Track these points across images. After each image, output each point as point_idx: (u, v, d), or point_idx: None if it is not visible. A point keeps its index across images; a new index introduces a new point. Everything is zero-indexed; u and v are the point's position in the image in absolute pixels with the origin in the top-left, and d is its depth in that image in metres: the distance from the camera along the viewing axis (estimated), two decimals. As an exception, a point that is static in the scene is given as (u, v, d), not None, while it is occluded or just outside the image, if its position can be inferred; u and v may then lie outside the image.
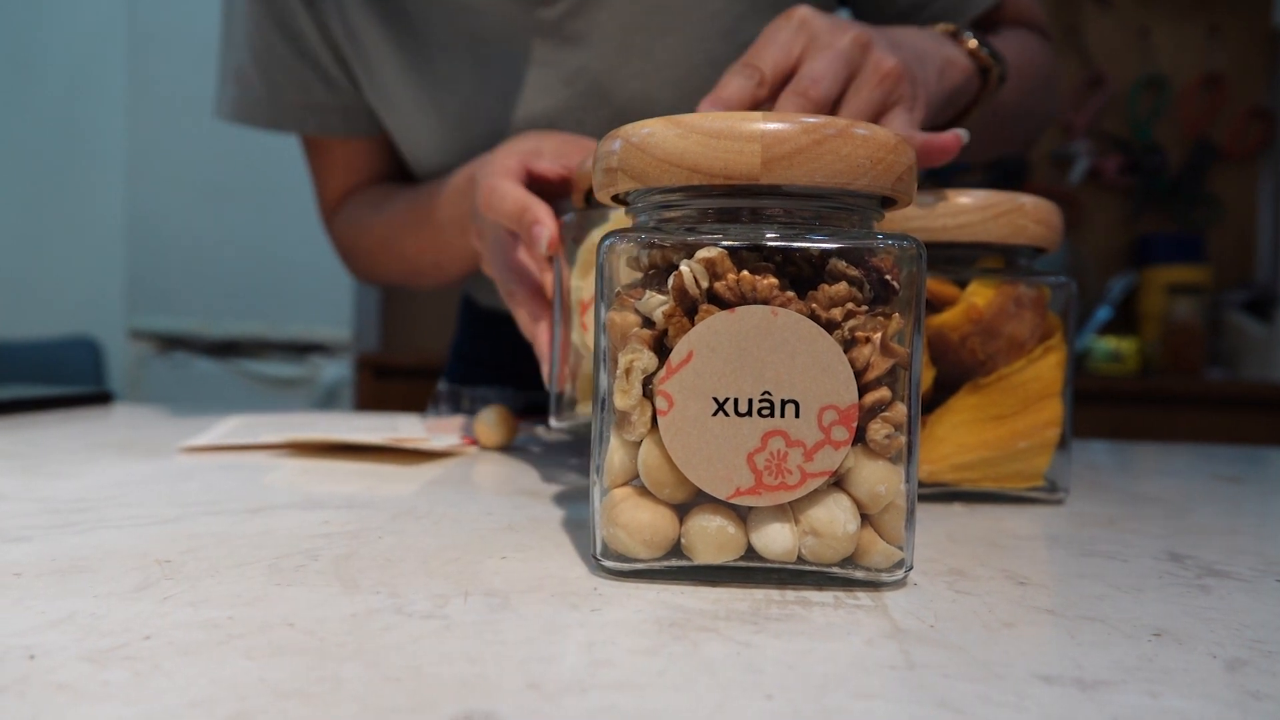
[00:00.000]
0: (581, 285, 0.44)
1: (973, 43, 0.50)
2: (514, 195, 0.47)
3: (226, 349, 1.70)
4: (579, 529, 0.35)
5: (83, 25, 1.82)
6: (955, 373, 0.43)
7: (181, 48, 1.70)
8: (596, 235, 0.44)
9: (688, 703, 0.19)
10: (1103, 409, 1.64)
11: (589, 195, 0.47)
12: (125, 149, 1.74)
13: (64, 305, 1.81)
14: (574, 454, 0.55)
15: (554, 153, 0.52)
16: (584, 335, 0.44)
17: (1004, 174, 1.92)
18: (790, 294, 0.28)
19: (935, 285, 0.43)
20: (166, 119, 1.71)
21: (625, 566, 0.28)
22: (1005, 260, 0.44)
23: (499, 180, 0.49)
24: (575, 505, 0.39)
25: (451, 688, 0.20)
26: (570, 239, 0.46)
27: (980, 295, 0.42)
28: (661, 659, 0.22)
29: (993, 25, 0.67)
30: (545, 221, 0.45)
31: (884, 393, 0.28)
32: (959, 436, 0.43)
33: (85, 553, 0.29)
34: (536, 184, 0.51)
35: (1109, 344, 1.80)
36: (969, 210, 0.42)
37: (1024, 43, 0.65)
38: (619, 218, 0.44)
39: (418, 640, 0.22)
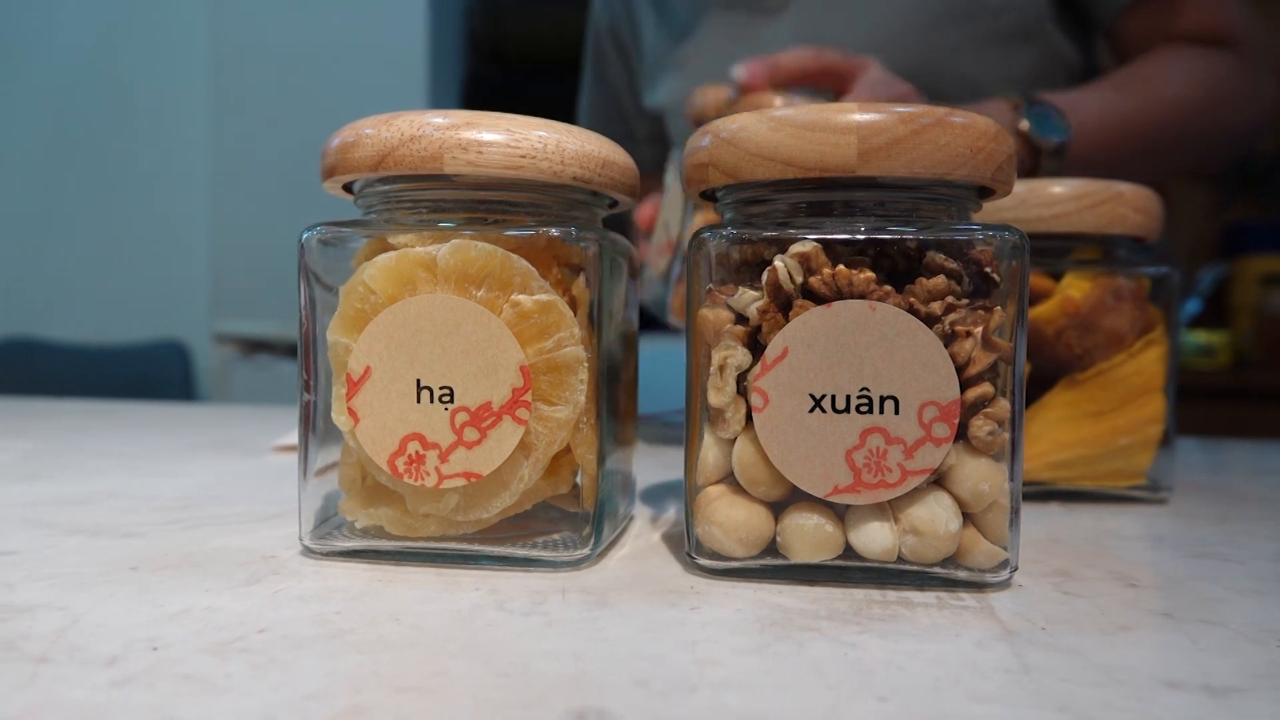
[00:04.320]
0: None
1: (1024, 124, 0.54)
2: None
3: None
4: (669, 527, 0.35)
5: (166, 37, 1.88)
6: (1050, 368, 0.42)
7: (262, 58, 1.75)
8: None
9: (799, 704, 0.19)
10: (1193, 405, 1.57)
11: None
12: (209, 160, 1.80)
13: (152, 311, 1.88)
14: (658, 451, 0.55)
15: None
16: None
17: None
18: (888, 288, 0.27)
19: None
20: (248, 128, 1.77)
21: (721, 565, 0.28)
22: (1102, 251, 0.43)
23: None
24: (662, 503, 0.39)
25: (560, 684, 0.20)
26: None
27: (1076, 288, 0.41)
28: (767, 659, 0.21)
29: (1142, 42, 0.65)
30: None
31: (986, 388, 0.27)
32: (1055, 434, 0.41)
33: (194, 548, 0.30)
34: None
35: (1199, 338, 1.73)
36: (1063, 200, 0.41)
37: (1165, 72, 0.62)
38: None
39: (522, 637, 0.23)
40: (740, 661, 0.21)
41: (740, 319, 0.28)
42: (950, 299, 0.27)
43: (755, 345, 0.28)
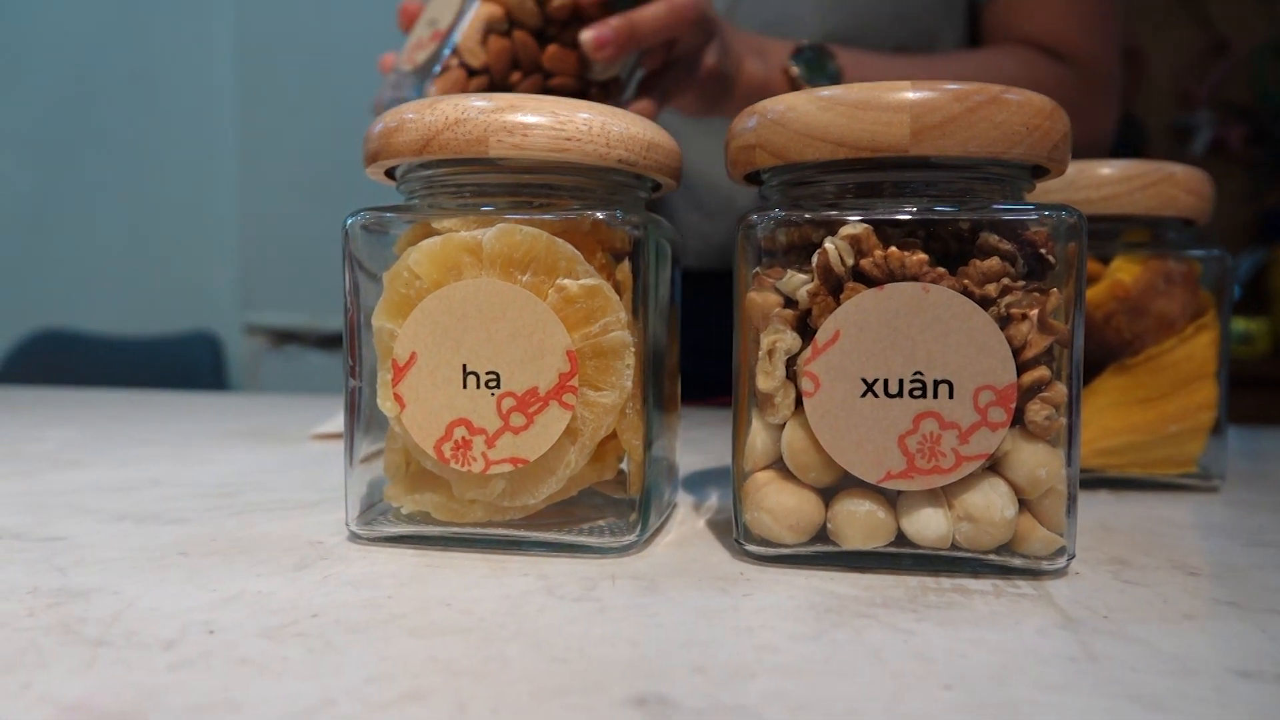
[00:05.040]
0: None
1: (793, 69, 0.56)
2: None
3: (336, 342, 1.76)
4: (713, 514, 0.34)
5: (193, 29, 1.90)
6: (1099, 353, 0.41)
7: (289, 49, 1.76)
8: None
9: (862, 691, 0.19)
10: (1232, 394, 1.55)
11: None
12: (237, 152, 1.82)
13: (184, 302, 1.90)
14: (697, 439, 0.55)
15: None
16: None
17: (1119, 149, 1.83)
18: (941, 270, 0.26)
19: (1075, 261, 0.41)
20: (275, 121, 1.78)
21: (770, 551, 0.28)
22: (1152, 233, 0.42)
23: None
24: (703, 490, 0.39)
25: (617, 670, 0.19)
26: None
27: (1126, 271, 0.40)
28: (825, 645, 0.21)
29: (994, 36, 0.68)
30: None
31: (1043, 372, 0.26)
32: (1104, 420, 0.40)
33: (241, 534, 0.30)
34: None
35: (1238, 325, 1.70)
36: (1113, 181, 0.40)
37: (972, 59, 0.65)
38: None
39: (575, 622, 0.22)
40: (798, 648, 0.21)
41: (789, 302, 0.28)
42: (1006, 281, 0.27)
43: (804, 329, 0.28)
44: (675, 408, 0.35)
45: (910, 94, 0.26)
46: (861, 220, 0.27)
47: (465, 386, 0.28)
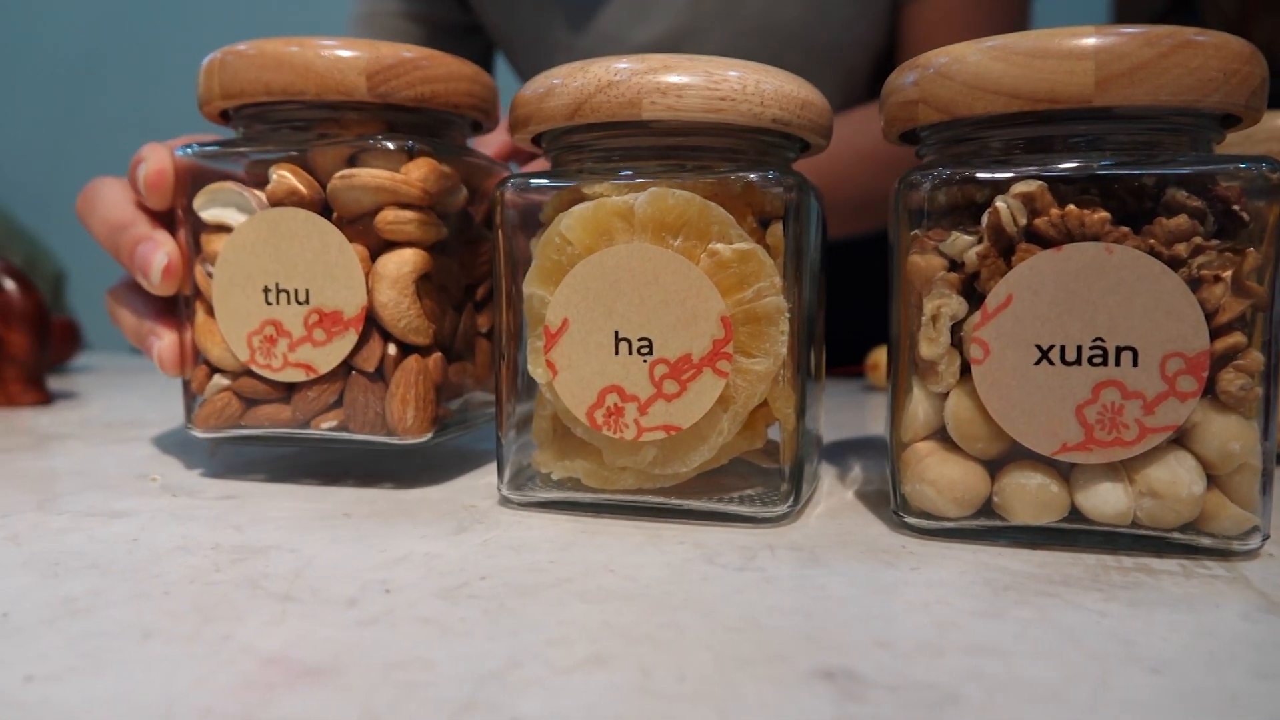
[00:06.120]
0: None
1: None
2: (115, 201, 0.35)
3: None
4: (859, 484, 0.34)
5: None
6: (1277, 319, 0.38)
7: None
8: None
9: (1063, 672, 0.18)
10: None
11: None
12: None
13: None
14: (829, 410, 0.53)
15: None
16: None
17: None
18: (1125, 229, 0.25)
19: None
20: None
21: (932, 525, 0.27)
22: (1338, 189, 0.38)
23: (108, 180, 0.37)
24: (844, 460, 0.38)
25: (796, 642, 0.19)
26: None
27: (1310, 230, 0.37)
28: (1011, 624, 0.20)
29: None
30: (156, 237, 0.34)
31: (1238, 338, 0.25)
32: None
33: (399, 497, 0.31)
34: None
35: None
36: (1297, 133, 0.37)
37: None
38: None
39: (742, 591, 0.22)
40: (982, 626, 0.20)
41: (953, 265, 0.27)
42: (1197, 240, 0.25)
43: (970, 293, 0.26)
44: (822, 377, 0.34)
45: (1093, 39, 0.24)
46: (1035, 177, 0.25)
47: (617, 353, 0.28)
